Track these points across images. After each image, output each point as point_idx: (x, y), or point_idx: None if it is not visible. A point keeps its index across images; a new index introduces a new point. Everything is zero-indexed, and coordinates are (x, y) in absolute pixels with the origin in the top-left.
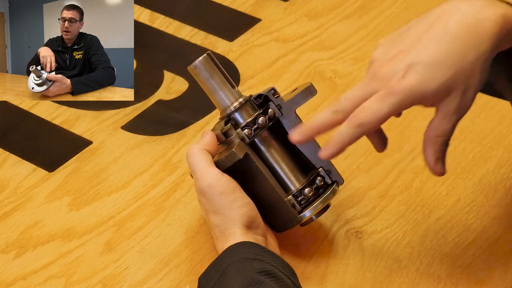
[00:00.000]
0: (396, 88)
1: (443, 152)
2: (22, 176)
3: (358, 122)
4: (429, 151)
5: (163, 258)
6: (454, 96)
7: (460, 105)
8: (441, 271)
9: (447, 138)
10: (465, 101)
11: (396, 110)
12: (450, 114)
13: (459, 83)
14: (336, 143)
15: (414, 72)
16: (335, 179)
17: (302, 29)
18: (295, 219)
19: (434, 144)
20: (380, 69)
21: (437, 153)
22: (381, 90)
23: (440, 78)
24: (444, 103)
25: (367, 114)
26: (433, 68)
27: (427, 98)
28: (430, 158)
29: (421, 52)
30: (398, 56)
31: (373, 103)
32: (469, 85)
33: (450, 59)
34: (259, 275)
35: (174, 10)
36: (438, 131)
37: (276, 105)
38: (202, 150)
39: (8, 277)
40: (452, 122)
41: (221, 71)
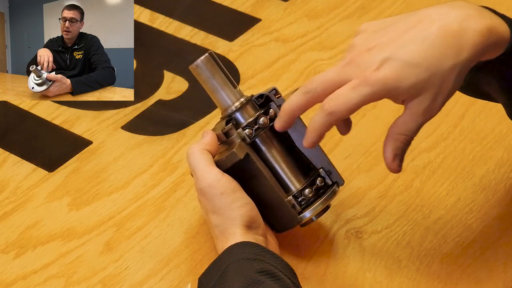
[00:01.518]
0: (370, 79)
1: (402, 150)
2: (22, 176)
3: (329, 110)
4: (389, 147)
5: (163, 258)
6: (424, 98)
7: (429, 108)
8: (441, 271)
9: (409, 138)
10: (434, 105)
11: (367, 100)
12: (417, 115)
13: (432, 86)
14: (311, 131)
15: (390, 67)
16: (336, 180)
17: (302, 29)
18: (295, 220)
19: (396, 140)
20: (357, 56)
21: (396, 150)
22: (355, 78)
23: (414, 77)
24: (413, 103)
25: (338, 102)
26: (409, 66)
27: (398, 94)
28: (389, 153)
29: (401, 48)
30: (378, 47)
31: (346, 92)
32: (441, 91)
33: (428, 62)
34: (259, 275)
35: (174, 10)
36: (402, 129)
37: (277, 105)
38: (202, 150)
39: (8, 277)
40: (417, 122)
41: (223, 71)
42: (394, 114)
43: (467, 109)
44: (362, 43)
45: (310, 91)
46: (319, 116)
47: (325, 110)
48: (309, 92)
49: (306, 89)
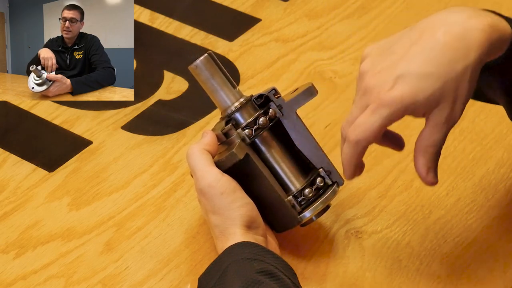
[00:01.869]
0: (385, 100)
1: (434, 162)
2: (22, 176)
3: (355, 140)
4: (420, 161)
5: (163, 258)
6: (443, 107)
7: (450, 116)
8: (441, 271)
9: (438, 148)
10: (455, 112)
11: (388, 121)
12: (440, 125)
13: (448, 93)
14: (347, 165)
15: (403, 83)
16: (336, 179)
17: (302, 29)
18: (295, 220)
19: (425, 153)
20: (369, 81)
21: (428, 163)
22: (372, 103)
23: (429, 88)
24: (434, 114)
25: (361, 130)
26: (422, 78)
27: (417, 108)
28: (421, 168)
29: (410, 63)
30: (387, 68)
31: (366, 118)
32: (458, 96)
33: (439, 70)
34: (259, 275)
35: (174, 10)
36: (428, 141)
37: (277, 106)
38: (202, 150)
39: (8, 277)
40: (442, 132)
41: (222, 71)
42: None
43: (467, 109)
44: (370, 68)
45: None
46: (347, 148)
47: (351, 140)
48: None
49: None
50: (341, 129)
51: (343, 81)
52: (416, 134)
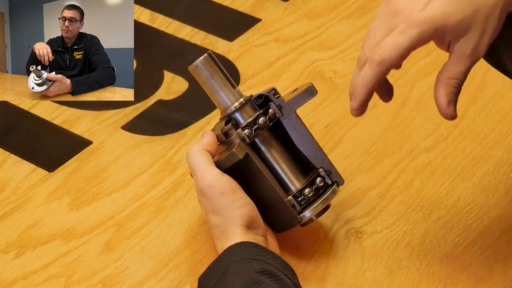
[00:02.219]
0: (417, 19)
1: (455, 95)
2: (22, 176)
3: (380, 59)
4: (441, 93)
5: (163, 258)
6: (471, 36)
7: (475, 48)
8: (441, 271)
9: (460, 81)
10: (481, 44)
11: (416, 42)
12: (465, 57)
13: (478, 22)
14: (360, 88)
15: (435, 5)
16: (335, 179)
17: (302, 29)
18: (295, 220)
19: (447, 85)
20: (399, 3)
21: (449, 95)
22: (402, 23)
23: (460, 12)
24: (460, 45)
25: (387, 49)
26: (454, 2)
27: (446, 31)
28: (442, 99)
29: None
30: None
31: (394, 38)
32: (487, 28)
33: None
34: (259, 275)
35: (174, 10)
36: (451, 73)
37: (276, 105)
38: (202, 150)
39: (8, 277)
40: (466, 65)
41: (222, 71)
42: (394, 114)
43: (467, 109)
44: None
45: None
46: (368, 69)
47: (375, 60)
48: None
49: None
50: (360, 54)
51: (343, 81)
52: (417, 134)
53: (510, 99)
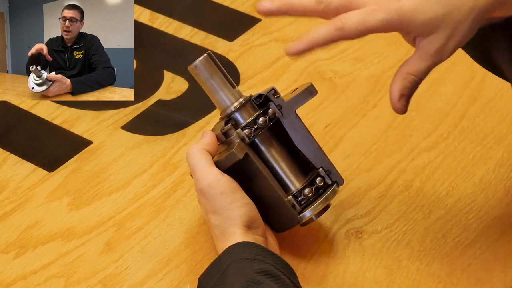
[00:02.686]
0: (388, 7)
1: (409, 90)
2: (22, 176)
3: (339, 26)
4: (396, 85)
5: (163, 258)
6: (437, 37)
7: (440, 49)
8: (441, 271)
9: (418, 79)
10: (446, 47)
11: (380, 27)
12: (428, 55)
13: (447, 25)
14: (308, 39)
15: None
16: (335, 179)
17: (302, 29)
18: (295, 219)
19: (404, 79)
20: None
21: (403, 90)
22: (373, 4)
23: (432, 12)
24: (425, 42)
25: (350, 20)
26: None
27: (412, 27)
28: (395, 92)
29: None
30: None
31: (361, 13)
32: (455, 32)
33: None
34: (259, 275)
35: (174, 10)
36: (411, 69)
37: (276, 105)
38: (202, 150)
39: (8, 277)
40: (427, 63)
41: (221, 71)
42: (394, 114)
43: (467, 109)
44: None
45: (324, 1)
46: (326, 28)
47: (335, 25)
48: (322, 2)
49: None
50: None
51: (343, 81)
52: (417, 134)
53: (510, 99)
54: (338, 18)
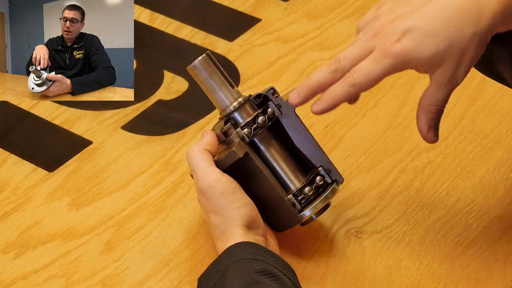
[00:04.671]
0: (390, 51)
1: (436, 121)
2: (22, 176)
3: (352, 82)
4: (422, 119)
5: (163, 258)
6: (446, 68)
7: (453, 77)
8: (441, 271)
9: (440, 107)
10: (458, 74)
11: (389, 72)
12: (443, 85)
13: (452, 55)
14: (328, 99)
15: (410, 38)
16: (335, 178)
17: (302, 29)
18: (295, 218)
19: (427, 112)
20: (380, 28)
21: (430, 121)
22: (377, 51)
23: (433, 47)
24: (437, 74)
25: (361, 75)
26: (429, 36)
27: (419, 64)
28: (423, 126)
29: (421, 18)
30: (399, 19)
31: (368, 65)
32: (463, 60)
33: (447, 31)
34: (259, 275)
35: (174, 10)
36: (431, 100)
37: (275, 105)
38: (202, 150)
39: (8, 277)
40: (445, 92)
41: (220, 71)
42: (394, 114)
43: (467, 109)
44: (385, 15)
45: (338, 69)
46: (341, 86)
47: (348, 81)
48: (337, 70)
49: (334, 67)
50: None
51: None
52: (417, 134)
53: (510, 99)
54: (350, 74)
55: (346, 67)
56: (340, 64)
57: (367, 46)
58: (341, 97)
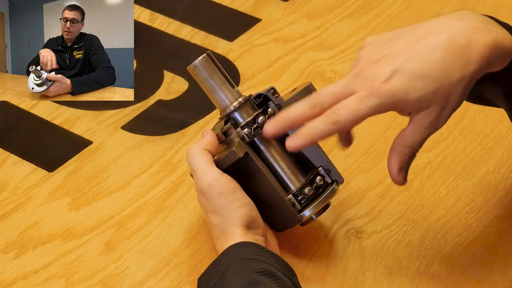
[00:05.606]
0: (378, 91)
1: (407, 163)
2: (22, 176)
3: (335, 120)
4: (393, 159)
5: (163, 258)
6: (431, 111)
7: (435, 121)
8: (441, 271)
9: (414, 150)
10: (441, 118)
11: (374, 112)
12: (423, 128)
13: (439, 99)
14: (307, 136)
15: (399, 78)
16: (335, 178)
17: (302, 29)
18: (295, 218)
19: (401, 153)
20: (365, 69)
21: (401, 162)
22: (362, 90)
23: (422, 89)
24: (420, 116)
25: (345, 112)
26: (418, 78)
27: (405, 106)
28: (394, 166)
29: (409, 60)
30: (385, 59)
31: (353, 103)
32: (448, 103)
33: (436, 74)
34: (259, 275)
35: (174, 10)
36: (407, 141)
37: (275, 105)
38: (202, 150)
39: (8, 277)
40: (423, 135)
41: (221, 71)
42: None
43: (467, 109)
44: (369, 56)
45: (317, 104)
46: (322, 123)
47: (330, 119)
48: (316, 106)
49: (314, 102)
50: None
51: None
52: None
53: None
54: (332, 111)
55: (326, 103)
56: (320, 100)
57: (349, 85)
58: (321, 134)
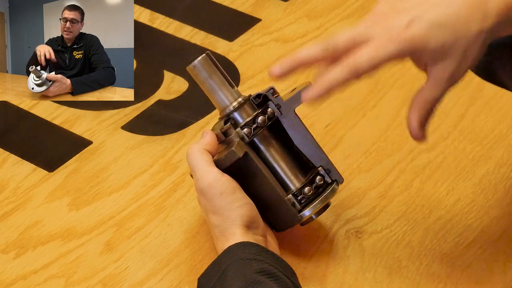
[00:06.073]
0: (397, 37)
1: (427, 118)
2: (22, 176)
3: (353, 66)
4: (414, 115)
5: (163, 258)
6: (449, 63)
7: (453, 74)
8: (441, 271)
9: (434, 106)
10: (459, 70)
11: (393, 58)
12: (443, 81)
13: (457, 49)
14: (324, 84)
15: (418, 26)
16: (335, 178)
17: (302, 29)
18: (295, 218)
19: (421, 109)
20: (385, 17)
21: (421, 118)
22: (381, 37)
23: (441, 38)
24: (437, 69)
25: (364, 59)
26: (437, 27)
27: (424, 54)
28: (414, 122)
29: (429, 10)
30: (404, 10)
31: (371, 49)
32: (466, 56)
33: (455, 25)
34: (259, 275)
35: (174, 10)
36: (427, 97)
37: (275, 105)
38: (202, 150)
39: (8, 277)
40: (442, 89)
41: (220, 71)
42: (394, 114)
43: (467, 109)
44: (385, 8)
45: (331, 47)
46: (340, 71)
47: (349, 65)
48: (329, 49)
49: (326, 44)
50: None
51: None
52: None
53: (510, 99)
54: (351, 59)
55: (339, 47)
56: (334, 43)
57: (364, 32)
58: (338, 81)
